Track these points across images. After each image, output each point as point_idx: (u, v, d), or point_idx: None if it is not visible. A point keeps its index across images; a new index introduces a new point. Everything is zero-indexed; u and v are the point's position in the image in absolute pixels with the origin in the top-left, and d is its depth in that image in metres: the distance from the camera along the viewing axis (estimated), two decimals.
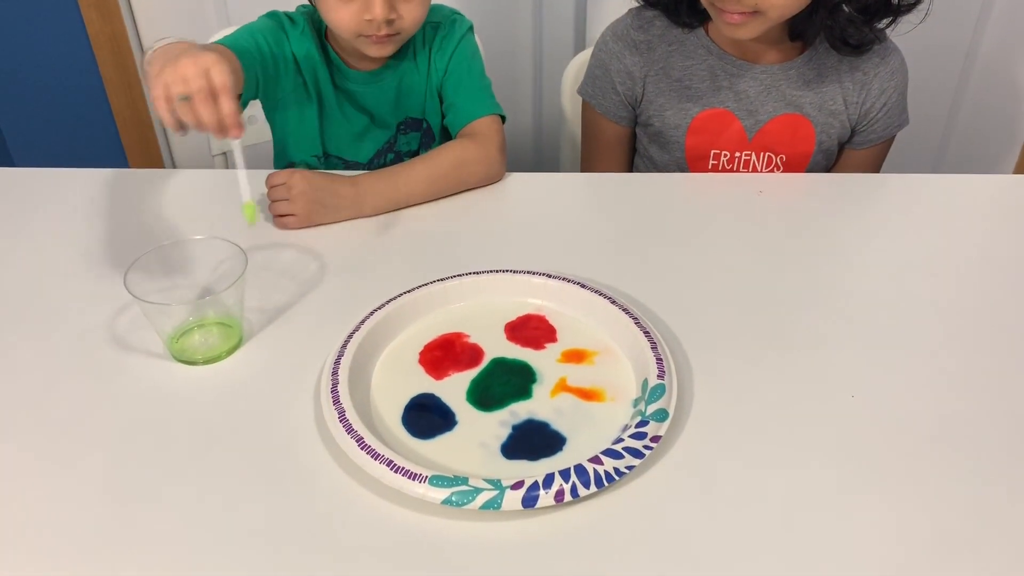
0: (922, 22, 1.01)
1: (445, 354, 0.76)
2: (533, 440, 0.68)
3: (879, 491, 0.63)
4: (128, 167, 1.82)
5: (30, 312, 0.82)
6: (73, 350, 0.77)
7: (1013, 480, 0.64)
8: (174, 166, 1.89)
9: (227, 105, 0.73)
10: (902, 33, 1.04)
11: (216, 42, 0.95)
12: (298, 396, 0.72)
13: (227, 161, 1.35)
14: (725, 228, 0.96)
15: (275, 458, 0.66)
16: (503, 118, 1.07)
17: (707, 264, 0.89)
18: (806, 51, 1.08)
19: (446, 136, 1.12)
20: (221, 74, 0.73)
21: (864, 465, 0.65)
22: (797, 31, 1.04)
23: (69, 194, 1.02)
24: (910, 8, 0.99)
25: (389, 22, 0.97)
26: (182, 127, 0.74)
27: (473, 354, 0.76)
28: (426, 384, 0.73)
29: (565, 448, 0.67)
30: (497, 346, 0.77)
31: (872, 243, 0.93)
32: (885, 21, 1.01)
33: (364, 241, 0.93)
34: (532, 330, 0.79)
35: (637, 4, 1.11)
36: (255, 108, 1.17)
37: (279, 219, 0.95)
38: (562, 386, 0.73)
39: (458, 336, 0.79)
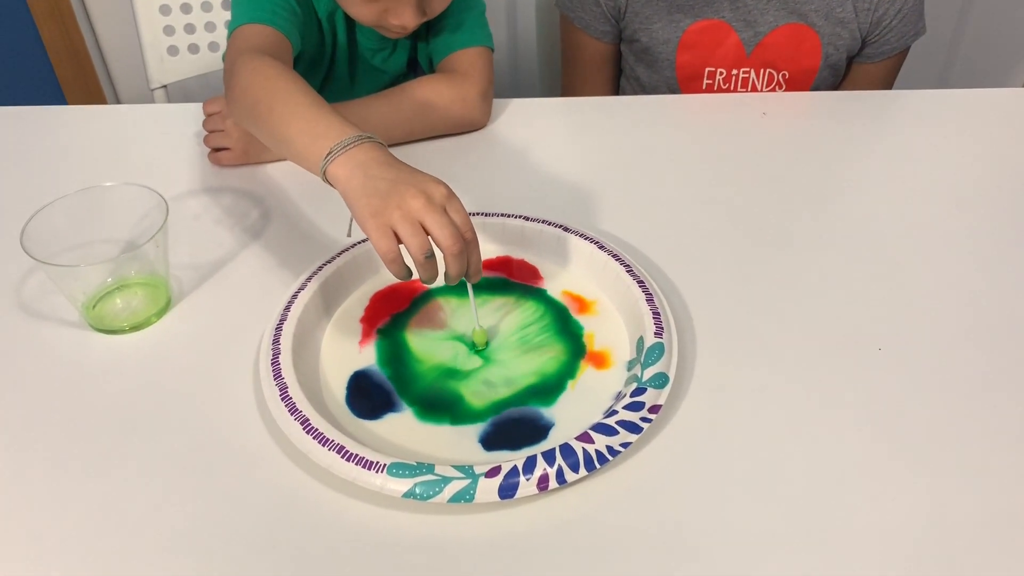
0: None
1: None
2: (514, 429, 0.57)
3: (912, 465, 0.54)
4: (66, 103, 1.67)
5: None
6: None
7: None
8: (118, 100, 1.74)
9: (476, 256, 0.58)
10: None
11: (250, 15, 0.78)
12: (236, 369, 0.61)
13: (167, 95, 1.21)
14: (725, 157, 0.85)
15: (208, 444, 0.56)
16: (493, 51, 0.91)
17: (706, 200, 0.78)
18: None
19: None
20: (463, 214, 0.56)
21: (895, 433, 0.56)
22: None
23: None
24: None
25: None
26: (410, 275, 0.58)
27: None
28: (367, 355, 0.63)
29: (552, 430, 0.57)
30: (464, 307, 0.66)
31: (890, 168, 0.83)
32: None
33: (312, 182, 0.80)
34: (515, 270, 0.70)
35: None
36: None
37: (213, 154, 0.83)
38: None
39: (412, 287, 0.68)
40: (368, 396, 0.60)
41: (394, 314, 0.66)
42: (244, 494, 0.53)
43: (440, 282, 0.59)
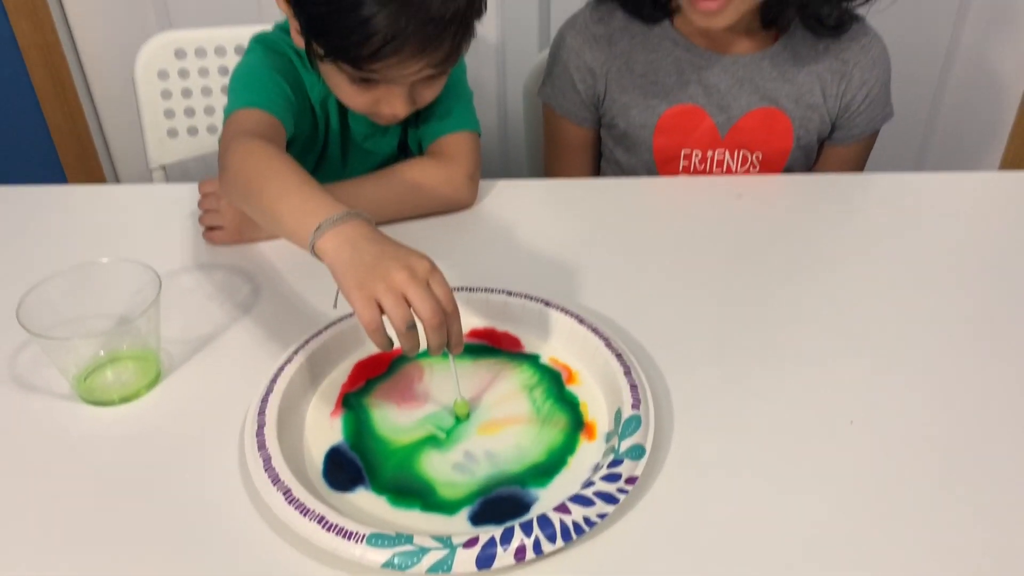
0: (893, 3, 0.94)
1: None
2: (500, 505, 0.58)
3: (887, 534, 0.55)
4: (66, 182, 1.71)
5: None
6: None
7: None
8: (117, 179, 1.78)
9: (456, 328, 0.60)
10: (883, 29, 0.97)
11: (245, 100, 0.82)
12: (222, 441, 0.62)
13: (165, 175, 1.25)
14: (702, 236, 0.88)
15: (193, 514, 0.57)
16: (480, 136, 0.95)
17: (683, 277, 0.81)
18: (780, 39, 1.00)
19: None
20: (445, 288, 0.59)
21: (869, 503, 0.57)
22: (770, 16, 0.97)
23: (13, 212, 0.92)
24: None
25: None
26: (392, 346, 0.59)
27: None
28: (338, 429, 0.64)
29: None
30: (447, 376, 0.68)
31: (860, 248, 0.86)
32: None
33: (300, 260, 0.83)
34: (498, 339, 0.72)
35: None
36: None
37: (208, 233, 0.85)
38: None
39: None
40: (343, 470, 0.61)
41: (369, 379, 0.68)
42: (227, 563, 0.53)
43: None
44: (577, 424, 0.64)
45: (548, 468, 0.60)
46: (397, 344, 0.59)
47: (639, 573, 0.53)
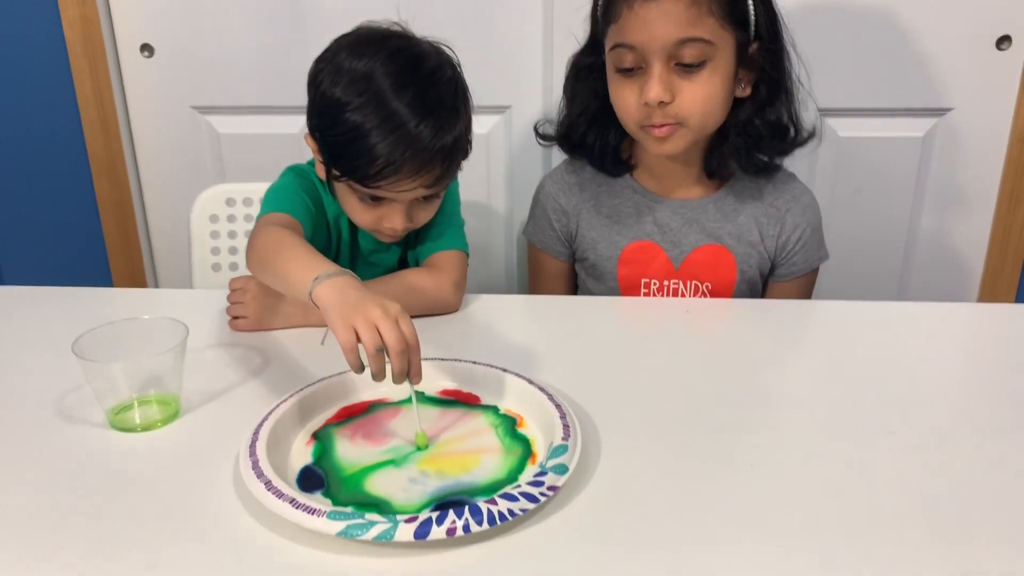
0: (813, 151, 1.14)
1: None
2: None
3: (763, 548, 0.65)
4: (112, 286, 1.93)
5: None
6: (20, 422, 0.82)
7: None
8: (157, 287, 1.99)
9: (416, 358, 0.75)
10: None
11: (274, 207, 1.03)
12: (222, 461, 0.75)
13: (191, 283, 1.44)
14: (651, 341, 1.02)
15: (194, 513, 0.69)
16: (468, 256, 1.14)
17: (629, 367, 0.95)
18: (723, 187, 1.20)
19: None
20: (410, 326, 0.74)
21: (751, 522, 0.67)
22: (711, 168, 1.17)
23: (47, 308, 1.10)
24: (805, 141, 1.14)
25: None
26: (363, 368, 0.75)
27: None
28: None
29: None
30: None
31: (791, 362, 0.98)
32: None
33: (305, 345, 0.99)
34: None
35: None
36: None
37: (233, 321, 1.02)
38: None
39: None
40: (311, 482, 0.72)
41: (349, 417, 0.82)
42: (219, 548, 0.65)
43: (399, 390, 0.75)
44: (526, 454, 0.76)
45: (496, 485, 0.71)
46: (367, 368, 0.74)
47: (550, 563, 0.63)
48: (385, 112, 0.93)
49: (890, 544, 0.64)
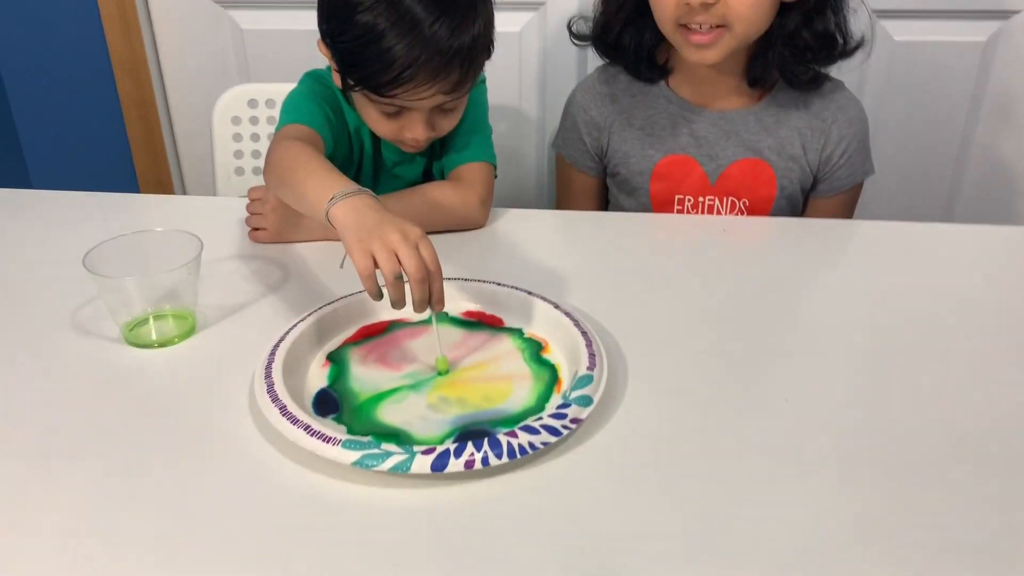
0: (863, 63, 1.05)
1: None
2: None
3: (796, 490, 0.62)
4: (138, 190, 1.92)
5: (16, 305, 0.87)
6: (37, 334, 0.81)
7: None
8: (184, 190, 1.97)
9: (438, 285, 0.71)
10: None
11: (292, 118, 0.97)
12: (238, 379, 0.73)
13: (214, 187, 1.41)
14: (685, 261, 0.98)
15: (207, 432, 0.68)
16: (495, 168, 1.09)
17: (660, 289, 0.91)
18: (764, 98, 1.12)
19: None
20: (431, 251, 0.70)
21: (784, 462, 0.65)
22: (754, 75, 1.09)
23: (69, 213, 1.08)
24: (853, 52, 1.06)
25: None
26: (381, 295, 0.71)
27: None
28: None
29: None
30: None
31: (832, 287, 0.94)
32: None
33: (325, 257, 0.96)
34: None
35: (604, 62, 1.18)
36: None
37: (253, 232, 0.99)
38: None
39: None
40: (327, 407, 0.71)
41: (368, 336, 0.80)
42: (231, 470, 0.64)
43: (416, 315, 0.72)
44: (552, 381, 0.74)
45: (518, 416, 0.69)
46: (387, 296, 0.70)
47: (571, 499, 0.61)
48: (398, 11, 0.87)
49: (935, 485, 0.62)
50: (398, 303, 0.70)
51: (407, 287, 0.70)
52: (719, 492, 0.61)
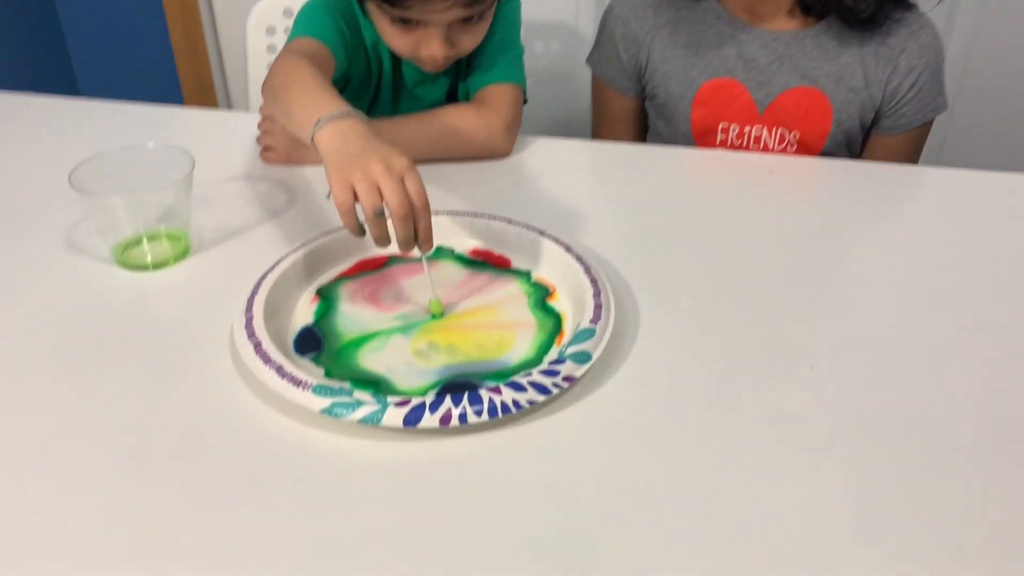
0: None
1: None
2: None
3: (807, 465, 0.56)
4: (182, 101, 1.90)
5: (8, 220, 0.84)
6: (29, 251, 0.79)
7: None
8: (229, 103, 1.94)
9: (424, 224, 0.64)
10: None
11: (303, 30, 0.91)
12: (225, 308, 0.69)
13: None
14: (723, 205, 0.89)
15: (184, 358, 0.65)
16: (525, 91, 1.00)
17: (692, 237, 0.83)
18: (824, 20, 1.01)
19: None
20: (417, 184, 0.63)
21: (796, 441, 0.58)
22: (807, 2, 0.98)
23: (70, 122, 1.05)
24: None
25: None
26: (363, 232, 0.66)
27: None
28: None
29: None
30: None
31: (887, 241, 0.85)
32: None
33: None
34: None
35: None
36: None
37: (263, 152, 0.94)
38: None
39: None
40: (309, 346, 0.66)
41: (364, 271, 0.75)
42: (203, 400, 0.61)
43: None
44: (555, 331, 0.68)
45: (508, 371, 0.63)
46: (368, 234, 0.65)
47: (552, 465, 0.56)
48: None
49: (981, 472, 0.55)
50: (380, 241, 0.65)
51: (390, 224, 0.64)
52: (720, 469, 0.55)
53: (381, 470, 0.55)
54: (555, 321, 0.69)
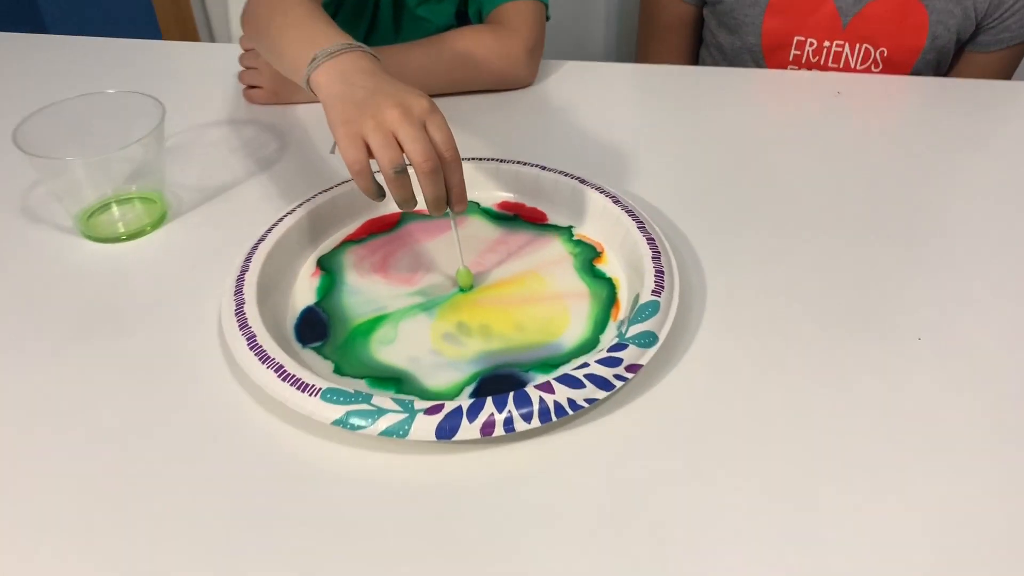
0: None
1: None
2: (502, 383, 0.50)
3: (922, 456, 0.45)
4: (160, 38, 1.74)
5: None
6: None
7: None
8: (211, 36, 1.78)
9: (457, 178, 0.52)
10: None
11: None
12: (211, 284, 0.58)
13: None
14: (785, 136, 0.77)
15: (166, 349, 0.53)
16: (548, 8, 0.86)
17: (752, 178, 0.71)
18: None
19: None
20: (444, 131, 0.51)
21: (910, 434, 0.47)
22: None
23: (67, 66, 0.91)
24: None
25: None
26: (382, 194, 0.54)
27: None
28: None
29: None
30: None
31: (994, 171, 0.72)
32: None
33: None
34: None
35: None
36: None
37: (247, 91, 0.81)
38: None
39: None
40: (313, 331, 0.55)
41: (372, 234, 0.63)
42: (190, 402, 0.49)
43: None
44: (609, 302, 0.56)
45: (569, 354, 0.52)
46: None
47: (623, 469, 0.45)
48: None
49: None
50: (405, 203, 0.52)
51: (415, 179, 0.52)
52: (821, 470, 0.44)
53: (408, 493, 0.44)
54: (609, 289, 0.58)
